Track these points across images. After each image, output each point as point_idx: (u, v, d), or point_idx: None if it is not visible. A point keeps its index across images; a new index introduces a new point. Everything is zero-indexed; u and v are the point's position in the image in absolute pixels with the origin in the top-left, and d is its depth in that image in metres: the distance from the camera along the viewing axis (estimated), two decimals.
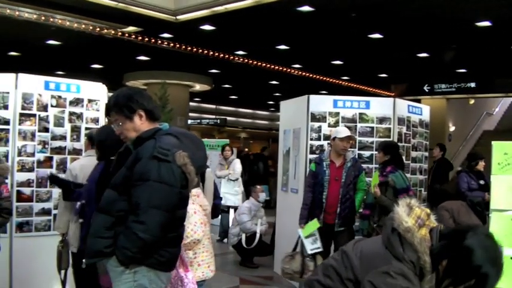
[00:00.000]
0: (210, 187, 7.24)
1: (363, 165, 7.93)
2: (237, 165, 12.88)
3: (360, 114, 8.68)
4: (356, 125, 8.66)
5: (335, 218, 7.36)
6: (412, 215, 2.79)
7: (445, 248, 2.64)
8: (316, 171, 7.58)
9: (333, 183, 7.43)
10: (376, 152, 7.90)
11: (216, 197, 7.18)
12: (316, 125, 8.62)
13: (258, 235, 10.24)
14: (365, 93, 24.99)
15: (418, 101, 18.54)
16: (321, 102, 8.84)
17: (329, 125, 8.58)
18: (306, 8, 13.78)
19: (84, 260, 4.21)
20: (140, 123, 3.76)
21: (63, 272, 6.34)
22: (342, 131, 7.51)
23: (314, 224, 7.39)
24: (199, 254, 5.38)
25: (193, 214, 5.19)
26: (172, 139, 3.63)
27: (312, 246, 7.42)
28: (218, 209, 7.48)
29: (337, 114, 8.68)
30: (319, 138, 8.60)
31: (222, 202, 10.12)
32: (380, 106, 8.80)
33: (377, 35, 16.44)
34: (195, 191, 5.32)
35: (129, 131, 3.78)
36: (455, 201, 8.72)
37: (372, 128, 8.68)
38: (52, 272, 6.35)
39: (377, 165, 7.70)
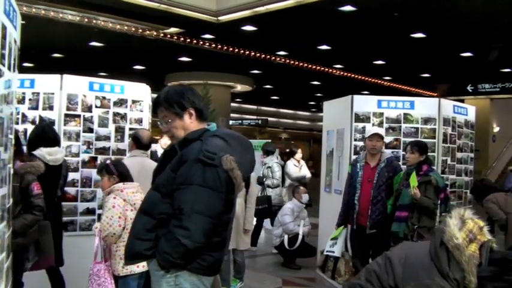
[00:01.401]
0: (254, 191, 7.25)
1: None
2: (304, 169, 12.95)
3: (405, 114, 8.56)
4: (400, 126, 8.55)
5: (367, 220, 7.21)
6: (463, 229, 2.69)
7: (494, 276, 2.55)
8: (351, 173, 7.50)
9: (365, 184, 7.27)
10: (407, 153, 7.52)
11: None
12: (360, 125, 8.52)
13: (300, 236, 10.17)
14: (407, 93, 24.73)
15: (462, 101, 18.30)
16: (365, 103, 8.74)
17: (373, 125, 8.47)
18: (348, 8, 13.71)
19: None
20: (189, 122, 3.63)
21: None
22: (370, 130, 7.42)
23: (339, 230, 7.43)
24: (120, 248, 5.33)
25: (111, 208, 5.29)
26: (219, 141, 3.50)
27: (328, 248, 7.45)
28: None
29: (381, 114, 8.57)
30: (363, 139, 8.49)
31: None
32: (425, 106, 8.67)
33: (420, 35, 16.27)
34: (119, 186, 5.42)
35: (177, 129, 3.66)
36: (499, 193, 8.53)
37: (417, 128, 8.55)
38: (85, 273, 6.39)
39: (408, 167, 7.31)
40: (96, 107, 7.45)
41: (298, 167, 12.87)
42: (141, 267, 5.31)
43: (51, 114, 7.25)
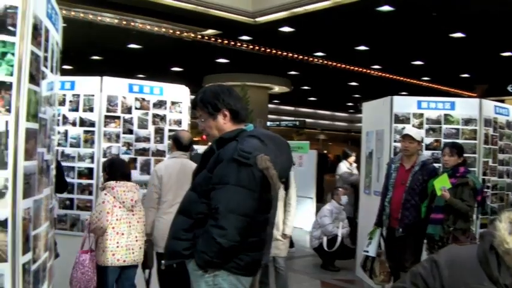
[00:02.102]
0: (294, 194, 7.17)
1: None
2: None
3: (445, 115, 8.46)
4: (441, 127, 8.45)
5: (398, 224, 7.00)
6: None
7: None
8: (386, 174, 7.41)
9: (398, 187, 7.09)
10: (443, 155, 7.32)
11: None
12: (399, 126, 8.41)
13: (339, 238, 10.13)
14: (446, 94, 24.47)
15: (502, 101, 18.00)
16: (405, 104, 8.67)
17: (413, 127, 8.38)
18: (386, 8, 13.60)
19: (163, 261, 4.21)
20: (223, 123, 3.67)
21: (147, 271, 6.43)
22: (403, 131, 7.29)
23: (374, 229, 7.35)
24: (103, 241, 5.75)
25: (101, 203, 5.72)
26: (255, 141, 3.49)
27: (365, 247, 7.37)
28: None
29: (421, 115, 8.48)
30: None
31: None
32: (465, 107, 8.56)
33: (459, 34, 16.07)
34: (111, 183, 5.81)
35: (211, 128, 3.72)
36: None
37: (457, 129, 8.44)
38: (137, 270, 6.43)
39: (446, 169, 7.05)
40: (135, 108, 7.53)
41: (350, 170, 12.80)
42: (121, 261, 5.79)
43: (92, 116, 7.34)
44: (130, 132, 7.48)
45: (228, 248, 3.36)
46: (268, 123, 30.23)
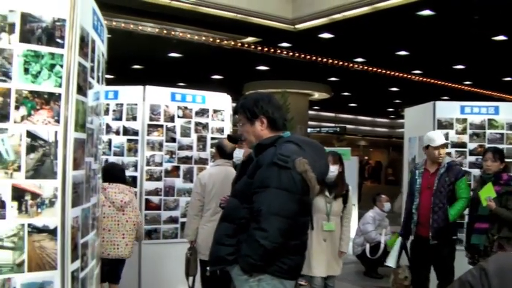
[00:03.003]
0: (351, 207, 7.07)
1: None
2: None
3: (489, 120, 8.35)
4: (485, 132, 8.33)
5: (429, 230, 6.80)
6: None
7: None
8: (409, 181, 7.27)
9: (424, 192, 6.93)
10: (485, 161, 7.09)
11: None
12: (443, 132, 8.33)
13: (382, 245, 10.04)
14: (489, 98, 24.09)
15: None
16: (448, 109, 8.56)
17: (456, 132, 8.29)
18: (427, 12, 13.49)
19: (208, 268, 4.25)
20: (260, 130, 3.74)
21: (191, 278, 6.46)
22: (436, 139, 6.95)
23: (393, 239, 7.29)
24: None
25: None
26: (292, 146, 3.56)
27: (388, 258, 7.26)
28: None
29: (465, 120, 8.38)
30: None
31: None
32: (510, 111, 8.42)
33: (501, 37, 15.83)
34: (104, 185, 6.01)
35: (249, 134, 3.80)
36: None
37: (502, 134, 8.31)
38: (179, 278, 6.49)
39: (486, 175, 6.84)
40: (178, 117, 7.60)
41: None
42: (105, 254, 6.01)
43: (135, 125, 7.43)
44: (173, 140, 7.55)
45: (271, 249, 3.42)
46: (309, 130, 30.16)
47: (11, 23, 2.83)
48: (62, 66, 2.91)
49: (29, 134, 2.84)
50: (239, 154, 6.07)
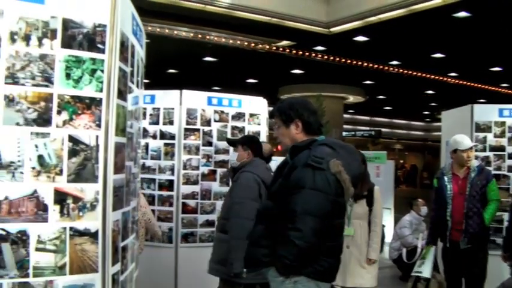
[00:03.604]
0: (379, 210, 6.68)
1: None
2: None
3: None
4: None
5: (463, 235, 6.65)
6: None
7: None
8: (438, 187, 7.03)
9: (457, 197, 6.75)
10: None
11: None
12: (481, 135, 8.22)
13: (419, 249, 9.94)
14: None
15: None
16: (486, 112, 8.43)
17: (495, 135, 8.17)
18: (463, 14, 13.37)
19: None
20: (295, 133, 3.80)
21: None
22: (464, 142, 6.81)
23: (427, 249, 7.04)
24: None
25: None
26: (326, 149, 3.61)
27: (417, 268, 6.97)
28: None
29: (503, 123, 8.24)
30: (484, 149, 8.18)
31: None
32: None
33: None
34: None
35: (283, 136, 3.86)
36: None
37: None
38: (216, 281, 6.49)
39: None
40: (215, 121, 7.62)
41: None
42: None
43: (172, 129, 7.47)
44: (210, 144, 7.58)
45: (305, 249, 3.44)
46: (344, 134, 30.05)
47: (52, 29, 2.88)
48: (102, 71, 2.95)
49: (71, 139, 2.88)
50: (233, 157, 6.00)
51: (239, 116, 7.77)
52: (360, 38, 16.18)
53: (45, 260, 2.85)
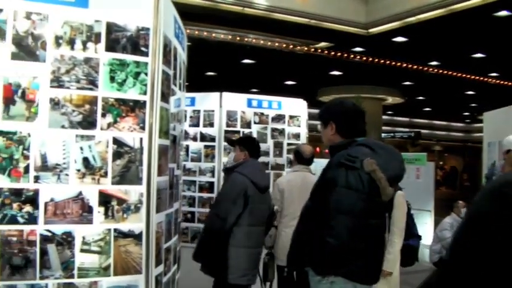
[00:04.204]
0: (400, 216, 5.68)
1: None
2: None
3: None
4: None
5: None
6: None
7: None
8: None
9: None
10: None
11: (413, 235, 6.07)
12: None
13: None
14: None
15: None
16: None
17: None
18: (504, 13, 13.16)
19: (285, 269, 4.29)
20: (330, 134, 3.80)
21: (268, 283, 6.45)
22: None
23: None
24: None
25: None
26: (363, 149, 3.59)
27: None
28: (414, 253, 6.34)
29: None
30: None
31: None
32: None
33: None
34: None
35: (324, 137, 3.91)
36: None
37: None
38: (256, 283, 6.48)
39: None
40: (254, 123, 7.64)
41: None
42: None
43: (212, 131, 7.50)
44: None
45: (337, 247, 3.41)
46: (383, 135, 29.81)
47: (97, 33, 2.92)
48: (146, 74, 2.98)
49: (115, 141, 2.92)
50: (230, 158, 5.97)
51: (279, 118, 7.78)
52: (399, 39, 16.04)
53: (90, 261, 2.89)
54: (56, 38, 2.85)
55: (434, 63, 19.50)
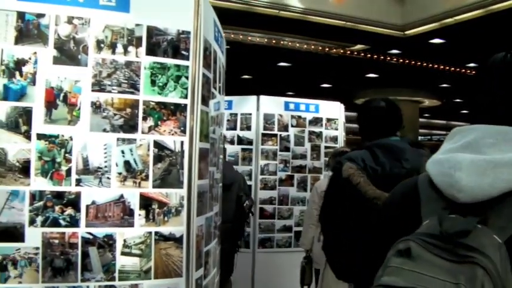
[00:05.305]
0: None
1: None
2: None
3: None
4: None
5: None
6: None
7: None
8: None
9: None
10: None
11: None
12: None
13: None
14: None
15: None
16: None
17: None
18: None
19: None
20: (360, 136, 3.79)
21: (305, 287, 6.44)
22: None
23: None
24: None
25: None
26: (360, 151, 3.46)
27: None
28: None
29: None
30: None
31: None
32: None
33: None
34: None
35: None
36: None
37: None
38: (294, 287, 6.48)
39: None
40: (292, 126, 7.62)
41: None
42: None
43: (249, 134, 7.52)
44: (287, 149, 7.59)
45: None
46: (420, 138, 29.58)
47: (137, 37, 2.93)
48: (187, 77, 2.99)
49: (156, 144, 2.93)
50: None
51: (316, 121, 7.75)
52: (436, 40, 15.87)
53: (131, 264, 2.90)
54: (98, 42, 2.88)
55: (472, 65, 19.26)
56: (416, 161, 3.31)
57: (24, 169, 2.77)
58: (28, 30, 2.81)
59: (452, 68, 19.19)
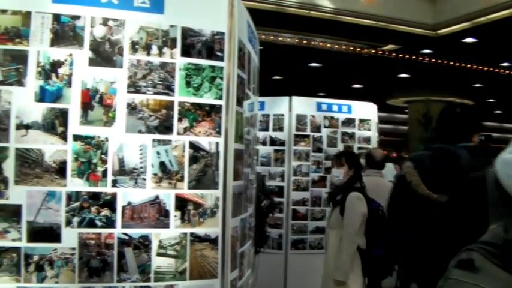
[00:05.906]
0: (348, 219, 5.18)
1: None
2: None
3: None
4: None
5: None
6: None
7: None
8: None
9: None
10: None
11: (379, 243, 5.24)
12: None
13: None
14: None
15: None
16: None
17: None
18: None
19: None
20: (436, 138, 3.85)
21: None
22: None
23: None
24: None
25: None
26: (424, 153, 3.73)
27: None
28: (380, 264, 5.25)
29: None
30: None
31: None
32: None
33: None
34: None
35: None
36: None
37: None
38: None
39: None
40: (324, 127, 7.59)
41: None
42: None
43: (282, 135, 7.50)
44: (320, 150, 7.55)
45: None
46: None
47: (172, 38, 2.94)
48: (222, 78, 2.99)
49: (192, 145, 2.93)
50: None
51: (349, 122, 7.71)
52: (468, 40, 15.70)
53: (166, 264, 2.91)
54: (133, 43, 2.89)
55: (505, 64, 19.03)
56: (470, 167, 3.37)
57: (60, 170, 2.80)
58: (64, 32, 2.83)
59: (485, 68, 18.98)
